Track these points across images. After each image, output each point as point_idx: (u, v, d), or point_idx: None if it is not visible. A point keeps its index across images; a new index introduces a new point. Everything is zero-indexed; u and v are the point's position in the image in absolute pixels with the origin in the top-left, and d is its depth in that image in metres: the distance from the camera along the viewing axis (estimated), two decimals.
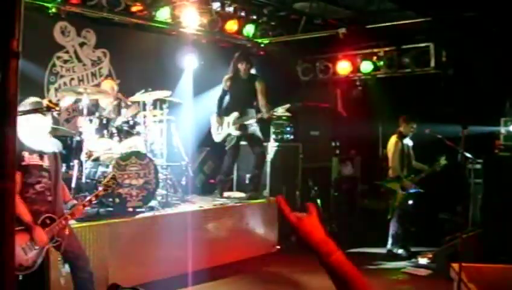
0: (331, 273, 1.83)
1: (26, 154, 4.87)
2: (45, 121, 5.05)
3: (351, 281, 1.80)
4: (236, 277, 7.44)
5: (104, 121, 7.49)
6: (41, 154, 4.99)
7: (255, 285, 7.11)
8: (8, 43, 2.14)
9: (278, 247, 8.83)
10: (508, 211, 7.95)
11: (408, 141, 8.91)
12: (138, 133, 7.82)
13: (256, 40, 10.16)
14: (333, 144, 10.92)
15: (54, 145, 5.25)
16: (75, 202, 5.45)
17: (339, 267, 1.82)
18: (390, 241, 8.86)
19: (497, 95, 9.14)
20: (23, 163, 4.83)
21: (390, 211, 8.81)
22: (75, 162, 7.06)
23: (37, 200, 4.93)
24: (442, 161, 8.66)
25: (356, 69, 10.87)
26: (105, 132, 7.47)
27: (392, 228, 8.83)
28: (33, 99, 4.96)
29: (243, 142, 9.33)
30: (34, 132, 4.95)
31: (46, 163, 5.02)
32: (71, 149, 7.32)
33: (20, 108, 4.67)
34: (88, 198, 5.36)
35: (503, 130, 8.96)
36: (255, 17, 9.85)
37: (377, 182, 9.29)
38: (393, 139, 8.88)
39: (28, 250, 4.74)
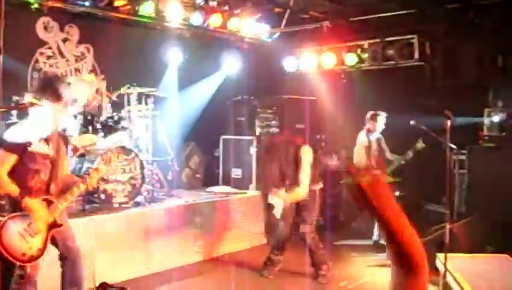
0: (388, 228, 1.87)
1: (33, 140, 4.83)
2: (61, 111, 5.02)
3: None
4: (224, 271, 7.44)
5: (89, 117, 7.46)
6: (47, 140, 4.95)
7: (243, 278, 7.11)
8: None
9: (266, 240, 8.85)
10: (492, 201, 8.02)
11: (377, 135, 8.95)
12: (123, 128, 7.79)
13: (240, 33, 10.14)
14: (318, 136, 10.94)
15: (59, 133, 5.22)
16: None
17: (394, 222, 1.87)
18: (376, 233, 8.92)
19: (480, 86, 9.20)
20: (30, 149, 4.80)
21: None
22: None
23: (41, 189, 4.88)
24: (419, 144, 8.68)
25: (341, 62, 10.87)
26: (90, 127, 7.43)
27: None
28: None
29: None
30: (43, 120, 4.91)
31: (51, 152, 4.98)
32: None
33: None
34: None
35: (486, 120, 9.02)
36: (238, 11, 9.82)
37: (342, 181, 9.42)
38: (359, 135, 8.98)
39: (28, 236, 4.66)
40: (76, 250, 5.17)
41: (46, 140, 4.96)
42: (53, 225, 4.84)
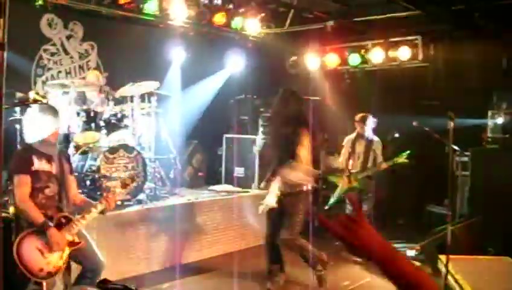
0: (395, 279, 1.71)
1: (35, 158, 4.84)
2: (55, 123, 5.01)
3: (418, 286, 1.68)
4: (226, 270, 7.44)
5: (92, 114, 7.46)
6: (49, 160, 4.95)
7: (245, 278, 7.11)
8: None
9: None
10: (494, 203, 8.00)
11: (371, 139, 8.79)
12: (126, 126, 7.80)
13: (244, 32, 10.13)
14: (321, 136, 10.94)
15: (58, 148, 5.25)
16: (88, 200, 5.36)
17: (403, 273, 1.70)
18: None
19: (484, 88, 9.19)
20: (33, 168, 4.81)
21: (328, 202, 8.90)
22: None
23: (47, 205, 4.88)
24: (400, 159, 8.38)
25: (344, 62, 10.87)
26: (93, 125, 7.44)
27: None
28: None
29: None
30: (41, 134, 4.90)
31: (54, 169, 4.97)
32: (59, 142, 7.27)
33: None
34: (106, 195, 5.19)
35: (490, 122, 9.00)
36: (243, 9, 9.80)
37: (323, 176, 9.44)
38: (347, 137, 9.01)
39: (46, 252, 4.66)
40: (98, 263, 5.15)
41: (48, 159, 4.95)
42: (71, 244, 4.83)
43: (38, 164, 4.85)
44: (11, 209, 4.99)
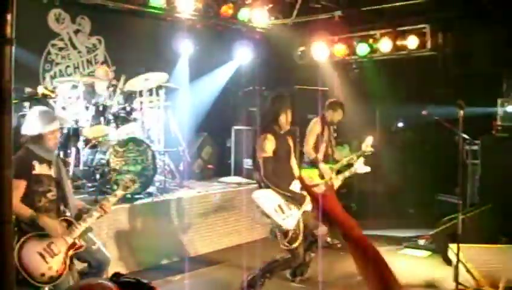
0: (353, 247, 1.89)
1: (36, 163, 4.84)
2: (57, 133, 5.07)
3: (371, 256, 1.84)
4: (236, 262, 7.45)
5: (101, 108, 7.48)
6: (49, 164, 4.96)
7: (255, 269, 7.11)
8: (2, 30, 2.13)
9: None
10: (505, 191, 7.97)
11: (333, 130, 8.23)
12: (135, 120, 7.82)
13: (251, 24, 10.11)
14: None
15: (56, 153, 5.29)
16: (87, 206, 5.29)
17: (360, 241, 1.89)
18: None
19: (494, 76, 9.12)
20: (34, 172, 4.80)
21: None
22: (72, 149, 7.06)
23: (50, 209, 4.87)
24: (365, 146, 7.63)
25: (352, 52, 10.82)
26: (102, 118, 7.46)
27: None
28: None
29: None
30: (46, 142, 4.92)
31: (53, 173, 4.98)
32: (68, 137, 7.31)
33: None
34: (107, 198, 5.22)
35: (500, 110, 8.94)
36: (249, 1, 9.78)
37: None
38: (314, 120, 8.12)
39: (48, 256, 4.62)
40: (104, 260, 5.13)
41: (49, 163, 4.96)
42: (73, 247, 4.81)
43: (39, 168, 4.85)
44: None
